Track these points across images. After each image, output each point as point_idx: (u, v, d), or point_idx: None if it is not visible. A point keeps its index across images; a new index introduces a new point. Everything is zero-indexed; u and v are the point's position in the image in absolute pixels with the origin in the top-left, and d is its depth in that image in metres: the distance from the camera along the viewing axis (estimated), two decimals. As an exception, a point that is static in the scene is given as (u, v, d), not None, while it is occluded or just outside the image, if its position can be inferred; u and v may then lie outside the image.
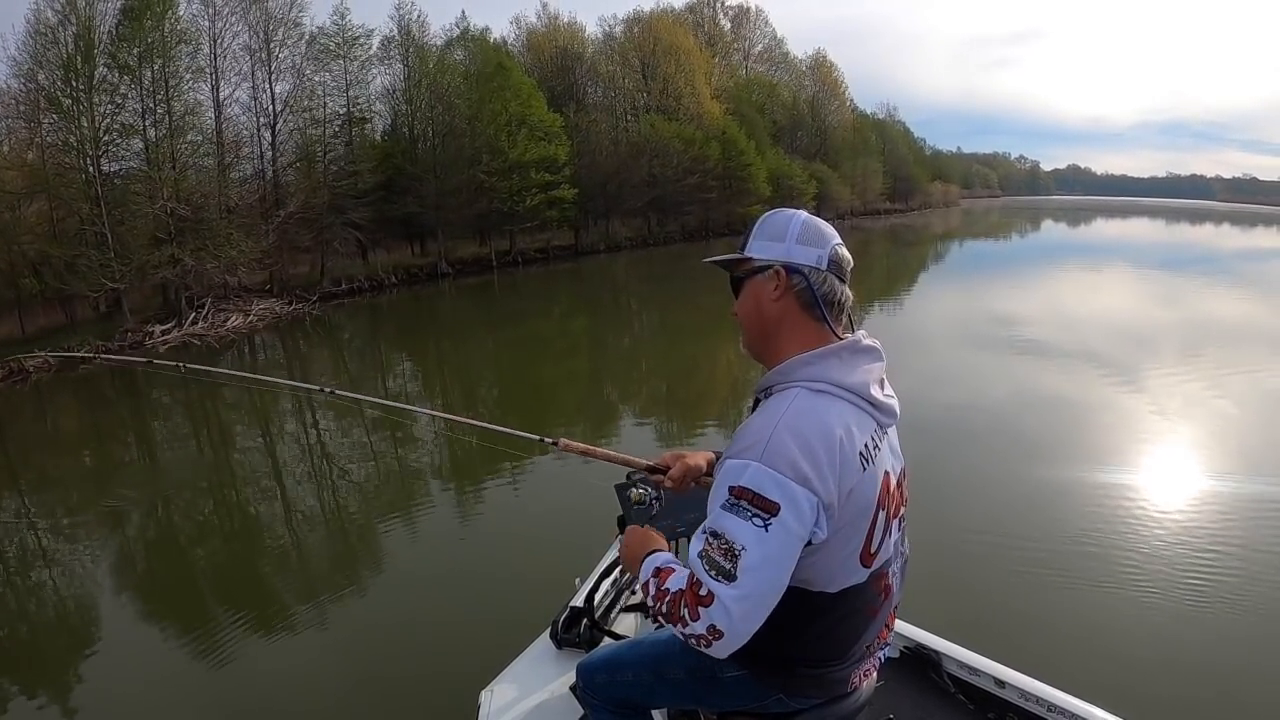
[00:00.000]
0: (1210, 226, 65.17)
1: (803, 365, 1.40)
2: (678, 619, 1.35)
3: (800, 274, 1.45)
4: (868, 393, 1.39)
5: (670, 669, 1.69)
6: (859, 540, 1.39)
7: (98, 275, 16.90)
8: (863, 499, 1.36)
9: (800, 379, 1.39)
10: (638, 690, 1.79)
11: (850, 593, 1.42)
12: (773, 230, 1.49)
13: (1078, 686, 2.31)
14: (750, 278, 1.50)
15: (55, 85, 18.39)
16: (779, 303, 1.46)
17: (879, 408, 1.41)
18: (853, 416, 1.36)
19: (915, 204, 73.52)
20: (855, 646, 1.50)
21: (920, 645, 2.58)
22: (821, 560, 1.36)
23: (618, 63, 41.10)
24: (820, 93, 58.95)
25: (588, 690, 1.88)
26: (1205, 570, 5.14)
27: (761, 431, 1.32)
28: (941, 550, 5.18)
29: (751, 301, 1.50)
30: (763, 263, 1.47)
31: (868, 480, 1.36)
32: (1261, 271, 29.37)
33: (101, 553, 6.59)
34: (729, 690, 1.58)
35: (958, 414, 8.81)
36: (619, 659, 1.84)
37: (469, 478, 8.09)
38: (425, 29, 30.04)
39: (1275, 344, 13.49)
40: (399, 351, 17.30)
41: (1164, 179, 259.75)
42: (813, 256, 1.45)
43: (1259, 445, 7.83)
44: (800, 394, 1.37)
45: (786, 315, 1.46)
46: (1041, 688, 2.31)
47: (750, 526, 1.28)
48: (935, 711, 2.41)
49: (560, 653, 2.67)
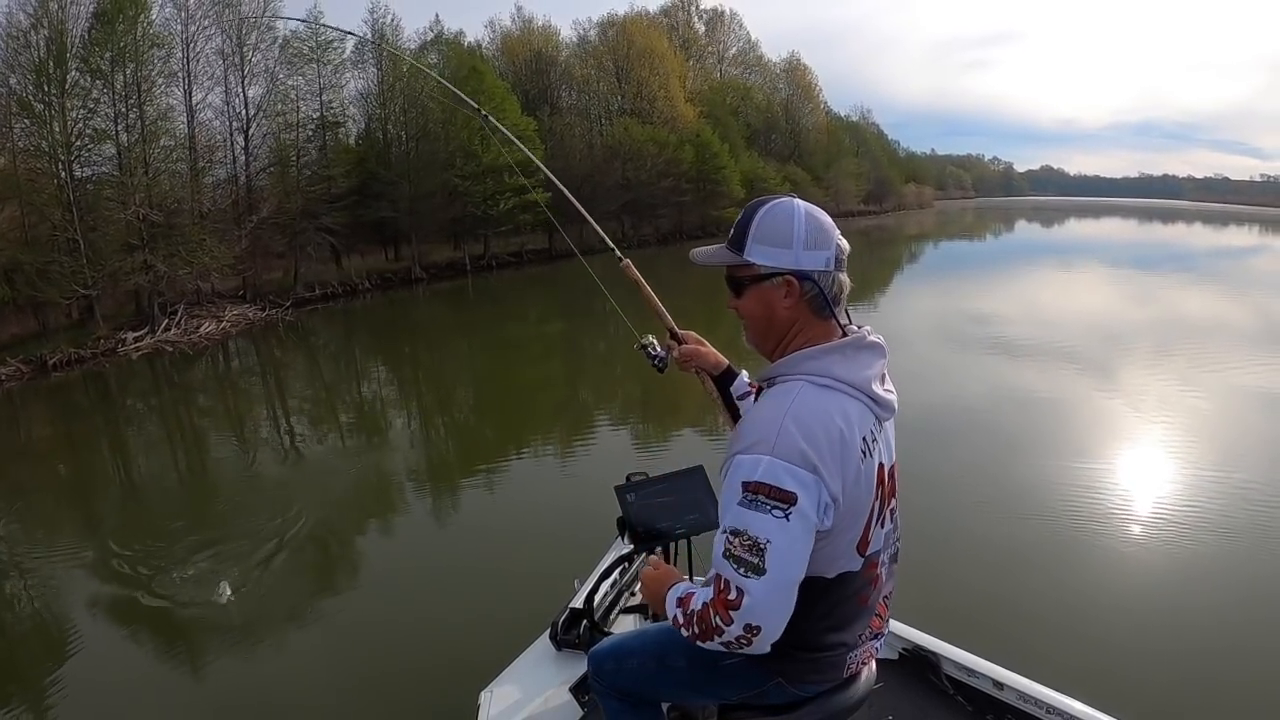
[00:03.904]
0: (1182, 226, 65.98)
1: (808, 359, 1.43)
2: (712, 630, 1.39)
3: (812, 280, 1.44)
4: (869, 388, 1.42)
5: (672, 657, 1.70)
6: (858, 529, 1.43)
7: (70, 282, 16.91)
8: (862, 490, 1.40)
9: (805, 372, 1.41)
10: (642, 679, 1.80)
11: (845, 579, 1.46)
12: (775, 234, 1.44)
13: (1059, 672, 2.45)
14: (756, 284, 1.47)
15: (27, 90, 18.36)
16: (791, 310, 1.46)
17: (879, 403, 1.44)
18: (854, 410, 1.39)
19: (890, 206, 73.87)
20: (849, 632, 1.53)
21: (919, 647, 2.61)
22: (824, 549, 1.39)
23: (592, 66, 41.27)
24: (794, 95, 59.42)
25: (597, 678, 1.89)
26: (1186, 558, 5.41)
27: (770, 425, 1.35)
28: (927, 544, 5.42)
29: (761, 308, 1.48)
30: (769, 270, 1.45)
31: (866, 472, 1.39)
32: (1232, 269, 30.04)
33: (96, 553, 6.51)
34: (729, 677, 1.59)
35: (935, 412, 8.99)
36: (626, 646, 1.86)
37: (469, 478, 8.26)
38: (399, 33, 30.20)
39: (1246, 340, 13.84)
40: (374, 356, 17.44)
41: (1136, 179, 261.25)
42: (821, 260, 1.44)
43: (1232, 438, 8.14)
44: (805, 387, 1.39)
45: (798, 319, 1.46)
46: (1040, 689, 2.34)
47: (771, 519, 1.31)
48: (934, 713, 2.44)
49: (560, 654, 2.70)
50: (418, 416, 11.81)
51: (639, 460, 7.56)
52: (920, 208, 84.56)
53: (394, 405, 12.66)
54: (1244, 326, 15.73)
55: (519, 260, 32.00)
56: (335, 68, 27.18)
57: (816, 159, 57.15)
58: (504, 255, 31.67)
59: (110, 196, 19.08)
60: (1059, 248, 42.70)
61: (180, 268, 19.17)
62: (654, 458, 7.98)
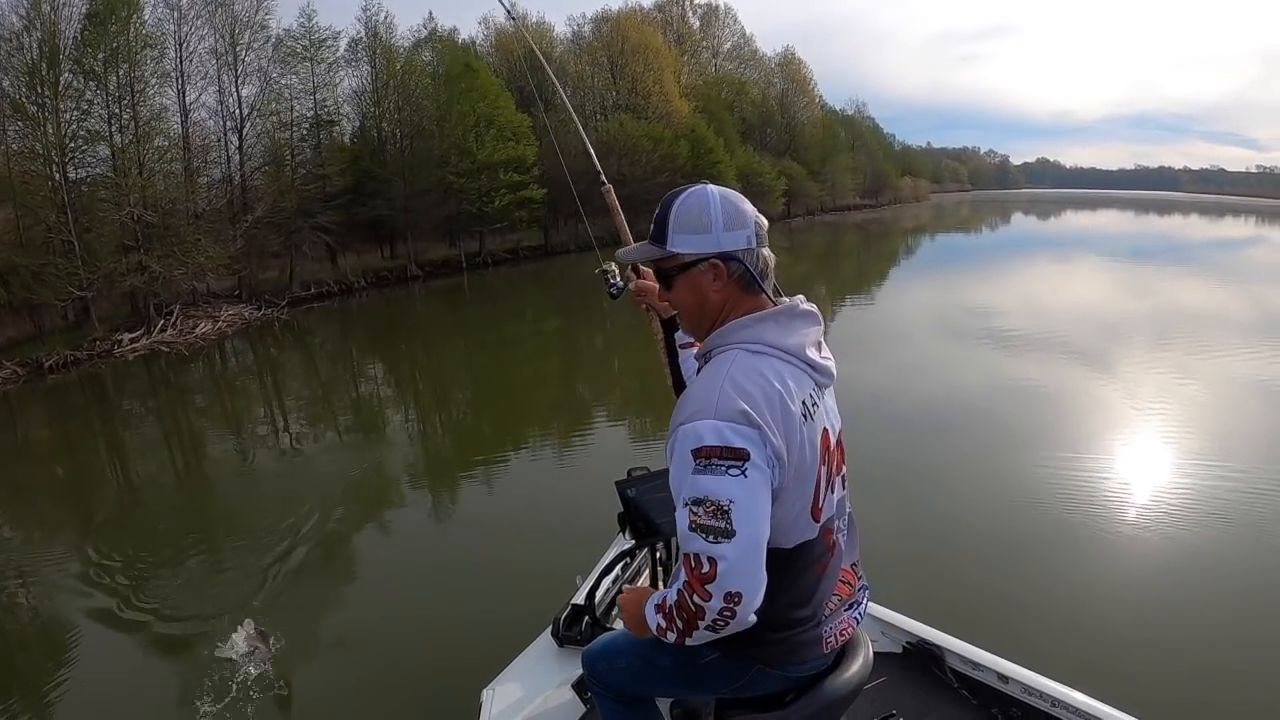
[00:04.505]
0: (1179, 217, 65.94)
1: (740, 328, 1.46)
2: (694, 616, 1.36)
3: (736, 260, 1.48)
4: (804, 354, 1.44)
5: (657, 656, 1.68)
6: (808, 494, 1.44)
7: (65, 284, 16.86)
8: (807, 453, 1.41)
9: (739, 341, 1.44)
10: (631, 678, 1.79)
11: (803, 549, 1.47)
12: (693, 221, 1.49)
13: (1060, 662, 2.45)
14: (684, 272, 1.51)
15: (20, 92, 18.23)
16: (721, 291, 1.49)
17: (816, 368, 1.46)
18: (789, 374, 1.41)
19: (885, 200, 73.96)
20: (813, 604, 1.53)
21: (923, 641, 2.58)
22: (778, 514, 1.39)
23: (586, 62, 41.17)
24: (789, 90, 59.20)
25: (591, 679, 1.90)
26: (1185, 547, 5.43)
27: (708, 394, 1.36)
28: (925, 535, 5.49)
29: (693, 295, 1.52)
30: (694, 257, 1.49)
31: (809, 435, 1.41)
32: (1228, 261, 30.10)
33: (98, 554, 6.49)
34: (712, 672, 1.59)
35: (935, 404, 9.07)
36: (615, 645, 1.85)
37: (468, 475, 8.25)
38: (393, 30, 30.08)
39: (1242, 330, 13.89)
40: (371, 355, 17.43)
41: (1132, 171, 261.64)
42: (742, 239, 1.48)
43: (1229, 427, 8.16)
44: (740, 354, 1.42)
45: (729, 298, 1.50)
46: (1045, 682, 2.31)
47: (729, 478, 1.30)
48: (938, 707, 2.40)
49: (562, 651, 2.67)
50: (415, 414, 11.80)
51: (639, 455, 7.55)
52: (916, 201, 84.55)
53: (391, 403, 12.65)
54: (1240, 317, 15.75)
55: (515, 257, 32.01)
56: (329, 66, 27.11)
57: (812, 153, 57.01)
58: (500, 252, 31.65)
59: (105, 198, 19.03)
60: (1056, 240, 42.66)
61: (175, 268, 19.12)
62: (654, 452, 7.91)
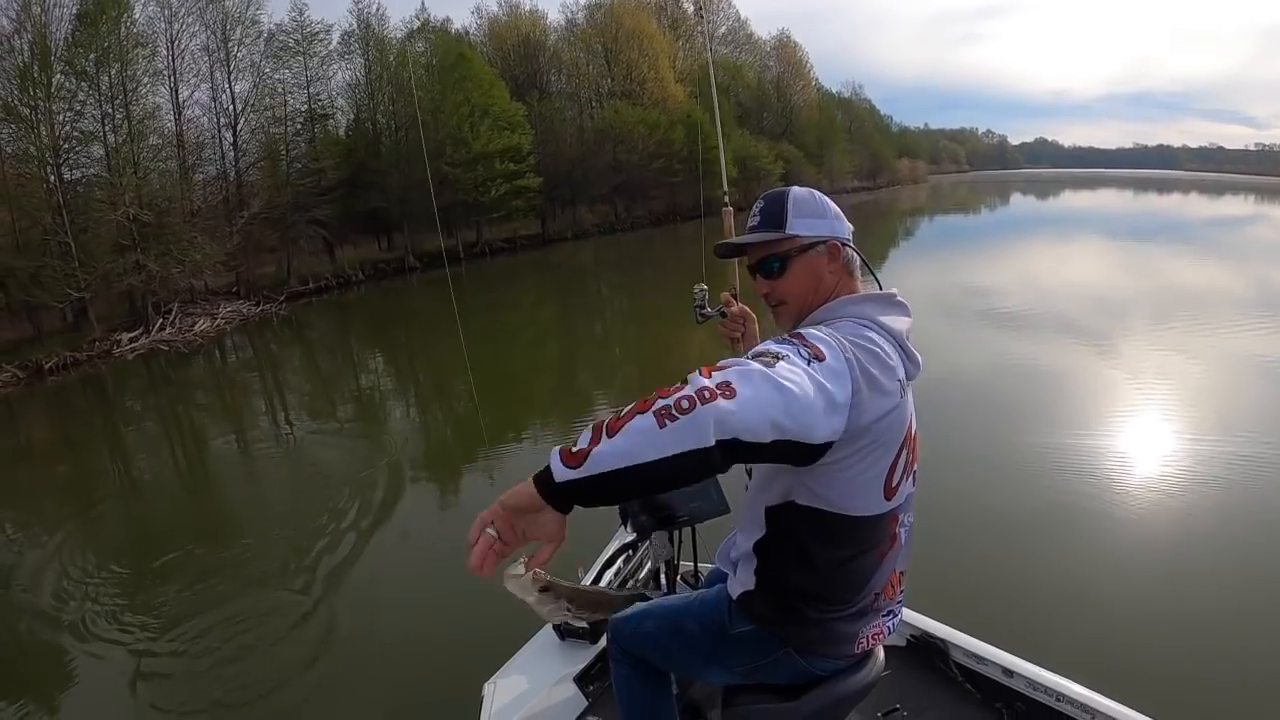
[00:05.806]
0: (1178, 196, 65.38)
1: (848, 304, 1.50)
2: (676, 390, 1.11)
3: (850, 245, 1.59)
4: (904, 340, 1.45)
5: (686, 622, 1.72)
6: (885, 465, 1.41)
7: (62, 285, 16.84)
8: (897, 424, 1.40)
9: (846, 315, 1.46)
10: (656, 643, 1.80)
11: (869, 525, 1.45)
12: (808, 207, 1.56)
13: (1062, 654, 2.44)
14: (802, 254, 1.55)
15: (12, 95, 18.12)
16: (836, 274, 1.55)
17: (910, 358, 1.44)
18: (893, 351, 1.39)
19: (883, 181, 73.87)
20: (863, 592, 1.52)
21: (928, 634, 2.58)
22: (846, 476, 1.38)
23: (581, 49, 41.04)
24: (785, 73, 59.02)
25: (614, 640, 1.90)
26: (1185, 531, 5.41)
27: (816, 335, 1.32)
28: (927, 519, 5.41)
29: (810, 278, 1.55)
30: (813, 239, 1.55)
31: (901, 410, 1.40)
32: (1229, 239, 29.93)
33: (98, 555, 6.54)
34: (738, 646, 1.61)
35: (936, 384, 8.84)
36: (646, 609, 1.86)
37: (469, 466, 8.23)
38: (385, 22, 29.98)
39: (1243, 308, 13.78)
40: (370, 348, 17.40)
41: (1131, 150, 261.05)
42: (846, 230, 1.59)
43: (1231, 406, 8.11)
44: (848, 324, 1.41)
45: (840, 283, 1.55)
46: (1050, 677, 2.31)
47: (797, 354, 1.21)
48: (943, 700, 2.41)
49: (564, 644, 2.66)
50: (415, 406, 11.80)
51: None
52: (914, 183, 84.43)
53: (392, 395, 12.65)
54: (1241, 294, 15.67)
55: (512, 246, 31.97)
56: (322, 60, 27.08)
57: (809, 136, 56.87)
58: (497, 241, 31.60)
59: (100, 198, 18.96)
60: (1055, 220, 42.48)
61: (172, 266, 19.10)
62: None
